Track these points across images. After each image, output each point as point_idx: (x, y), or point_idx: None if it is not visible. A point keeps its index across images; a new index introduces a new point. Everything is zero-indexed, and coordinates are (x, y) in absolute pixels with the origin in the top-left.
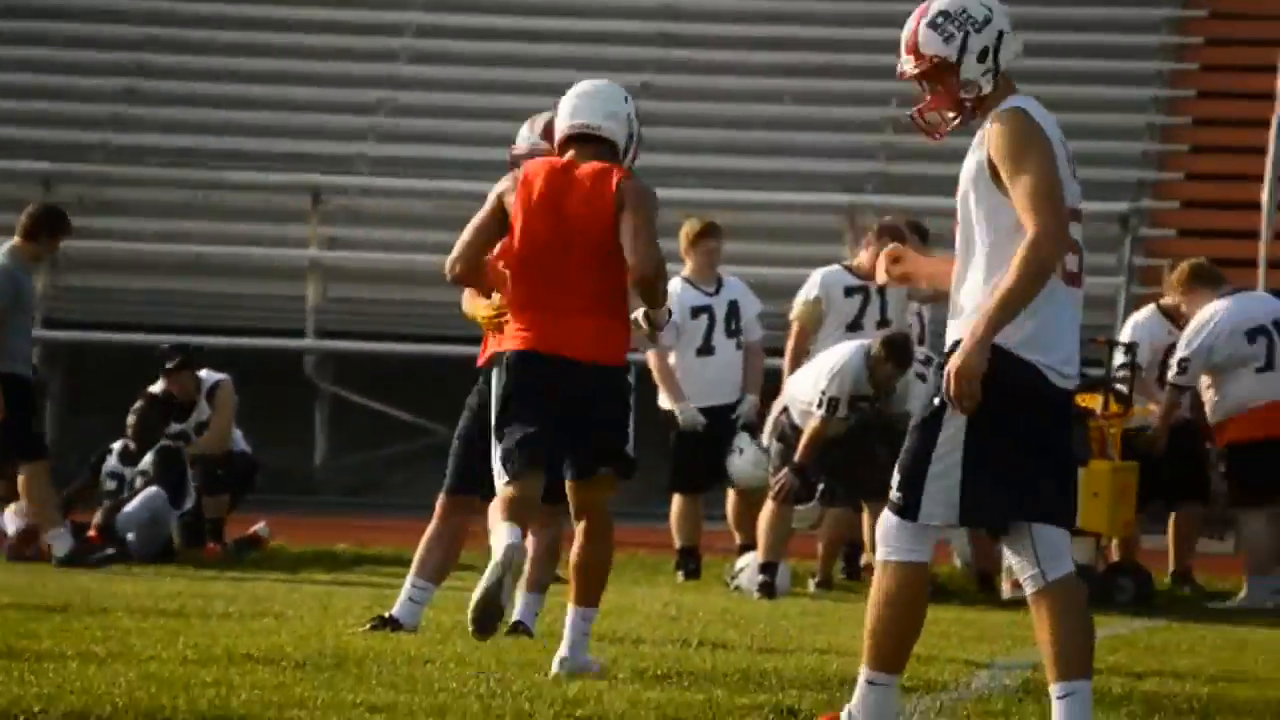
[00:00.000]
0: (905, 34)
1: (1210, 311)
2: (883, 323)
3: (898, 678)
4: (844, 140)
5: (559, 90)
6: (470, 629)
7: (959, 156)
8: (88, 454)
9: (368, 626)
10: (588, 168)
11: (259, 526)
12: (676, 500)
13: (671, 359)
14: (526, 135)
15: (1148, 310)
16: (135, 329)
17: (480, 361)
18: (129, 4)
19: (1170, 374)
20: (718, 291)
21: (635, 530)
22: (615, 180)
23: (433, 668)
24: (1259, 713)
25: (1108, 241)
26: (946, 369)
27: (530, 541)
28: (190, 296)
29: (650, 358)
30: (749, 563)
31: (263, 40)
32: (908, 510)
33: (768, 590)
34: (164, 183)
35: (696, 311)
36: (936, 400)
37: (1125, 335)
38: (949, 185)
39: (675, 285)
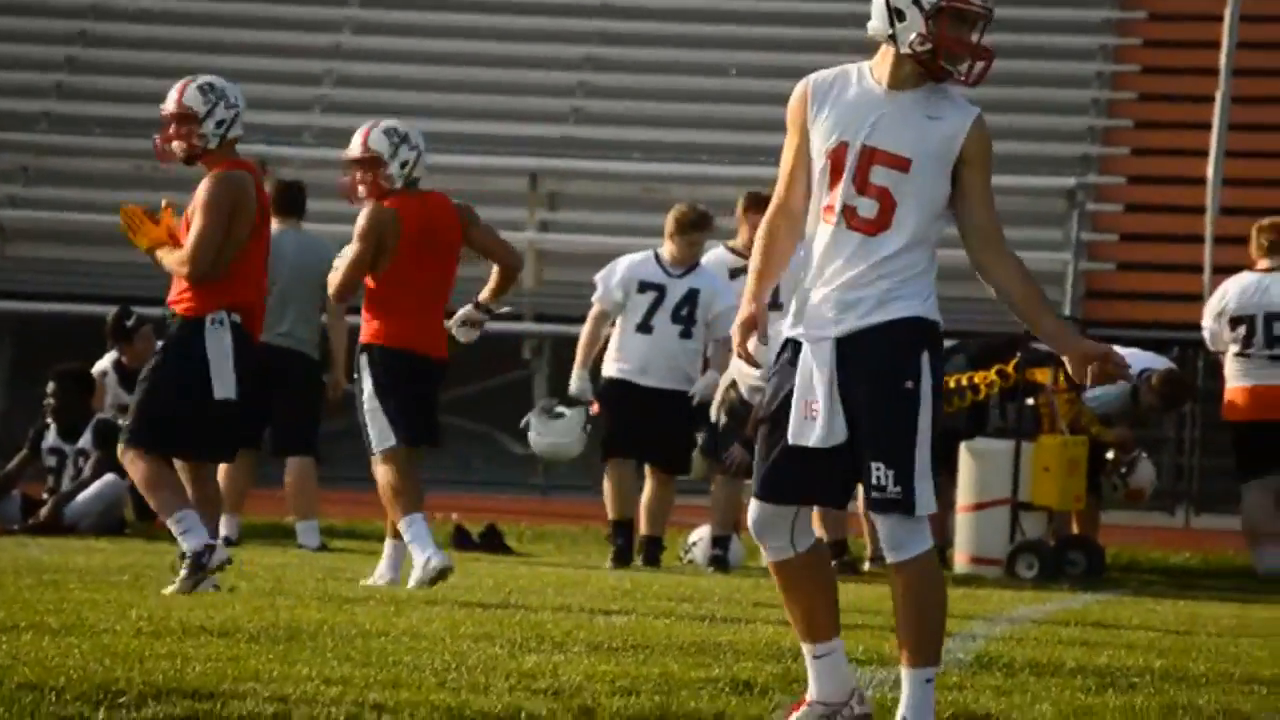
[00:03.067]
0: None
1: (1227, 285)
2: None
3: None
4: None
5: (503, 62)
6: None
7: None
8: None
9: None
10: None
11: None
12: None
13: (617, 327)
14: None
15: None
16: (82, 299)
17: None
18: None
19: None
20: (683, 276)
21: (588, 504)
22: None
23: (387, 640)
24: (1211, 685)
25: (1055, 216)
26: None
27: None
28: (136, 267)
29: (590, 317)
30: (702, 537)
31: (207, 9)
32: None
33: (720, 564)
34: (108, 152)
35: (644, 287)
36: (909, 385)
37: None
38: None
39: (640, 256)
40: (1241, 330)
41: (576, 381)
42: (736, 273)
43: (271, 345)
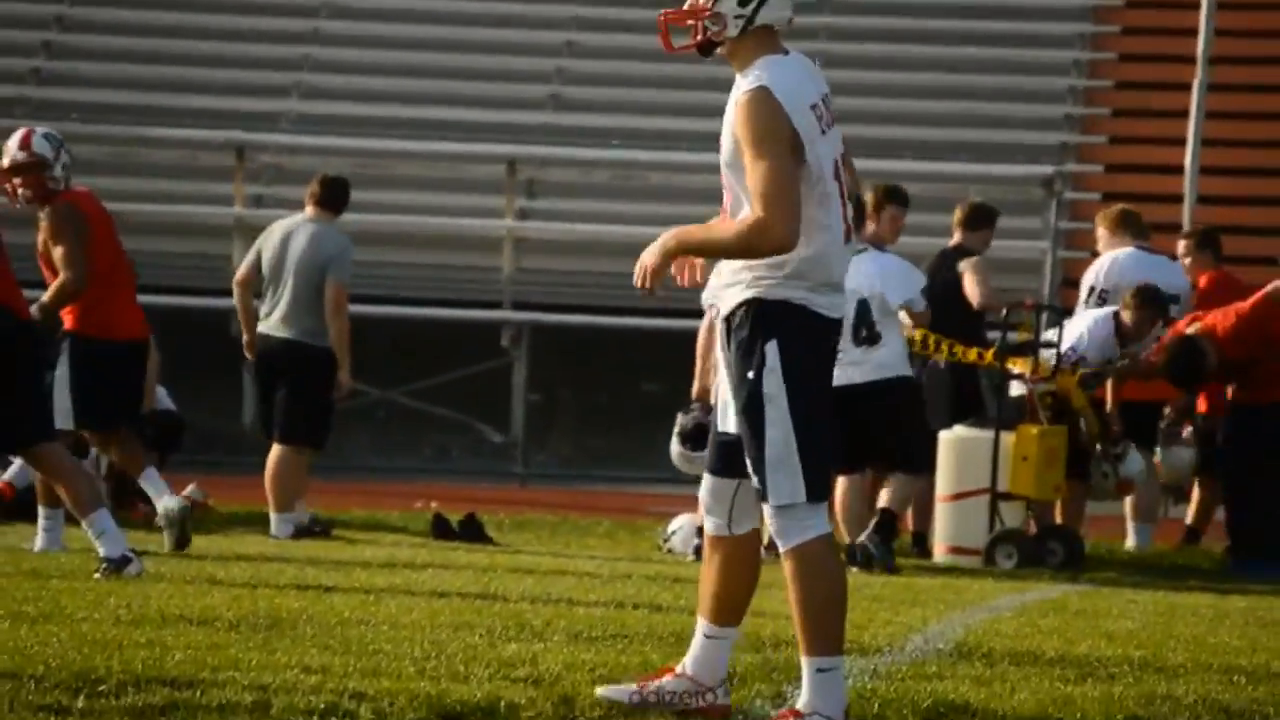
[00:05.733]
0: None
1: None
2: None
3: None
4: None
5: (482, 48)
6: None
7: (880, 117)
8: None
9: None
10: None
11: (190, 489)
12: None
13: None
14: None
15: (1105, 316)
16: None
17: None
18: None
19: None
20: None
21: (567, 493)
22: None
23: (366, 629)
24: (1189, 675)
25: (1032, 205)
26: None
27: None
28: None
29: None
30: (682, 525)
31: None
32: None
33: (701, 553)
34: (86, 139)
35: None
36: (750, 375)
37: (1070, 340)
38: (878, 146)
39: None
40: None
41: None
42: None
43: (279, 337)
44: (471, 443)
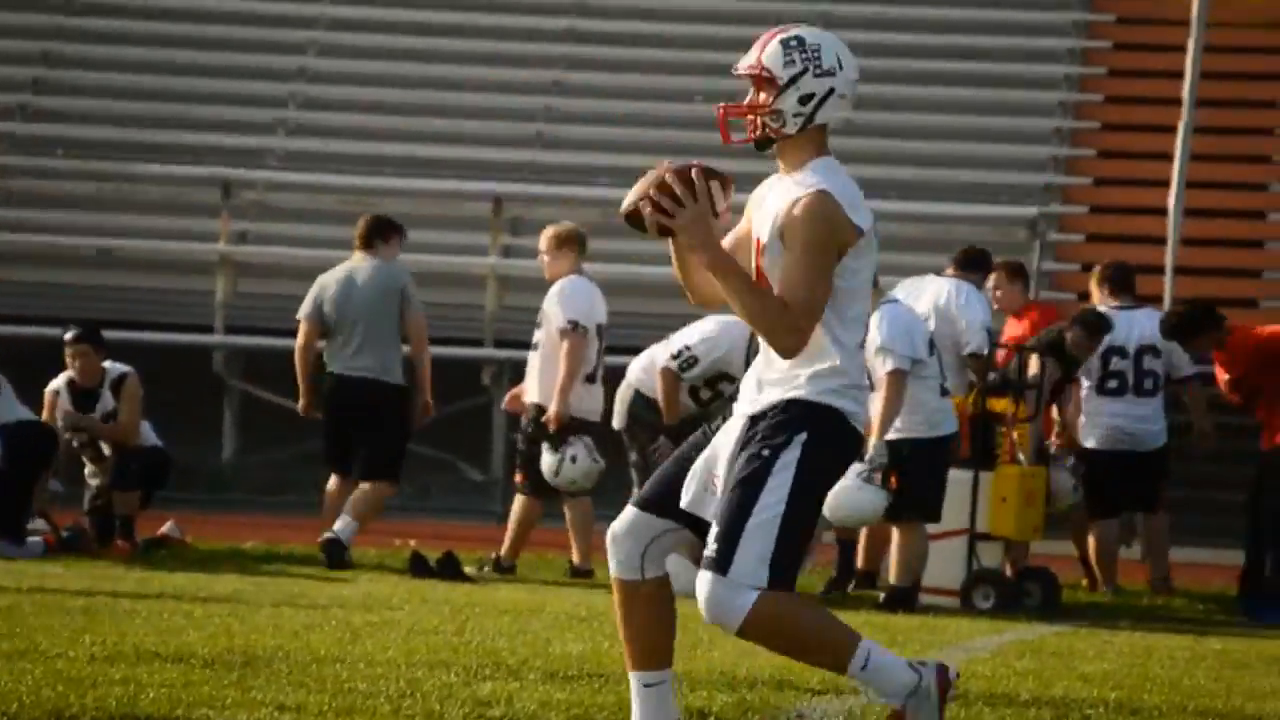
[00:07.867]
0: (763, 37)
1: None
2: None
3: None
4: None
5: (469, 86)
6: None
7: (864, 157)
8: None
9: None
10: None
11: (168, 526)
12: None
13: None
14: None
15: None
16: (41, 322)
17: None
18: None
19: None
20: None
21: (547, 531)
22: None
23: (342, 667)
24: (1165, 717)
25: (1016, 246)
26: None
27: None
28: (97, 290)
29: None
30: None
31: (173, 31)
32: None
33: None
34: (71, 175)
35: None
36: (766, 453)
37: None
38: (862, 186)
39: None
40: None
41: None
42: None
43: (351, 376)
44: (451, 481)
